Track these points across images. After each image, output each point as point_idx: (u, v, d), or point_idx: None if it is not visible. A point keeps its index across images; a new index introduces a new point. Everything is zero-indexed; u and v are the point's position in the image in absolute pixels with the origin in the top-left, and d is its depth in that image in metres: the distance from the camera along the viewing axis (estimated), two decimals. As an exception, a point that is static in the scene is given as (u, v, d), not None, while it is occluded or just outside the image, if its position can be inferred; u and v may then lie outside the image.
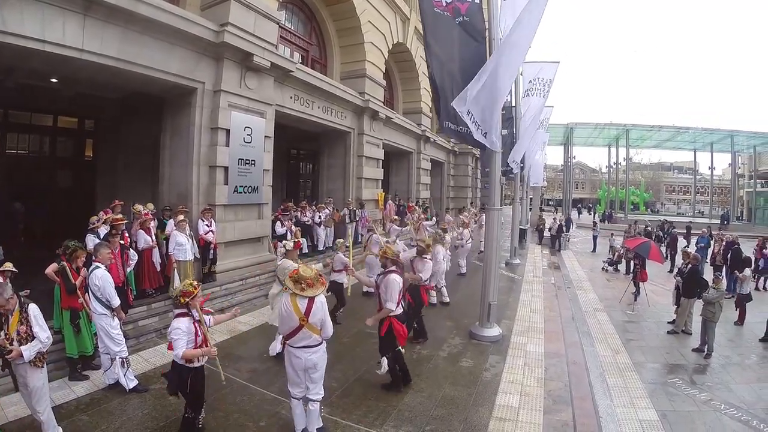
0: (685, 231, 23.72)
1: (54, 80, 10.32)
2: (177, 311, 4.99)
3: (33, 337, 4.64)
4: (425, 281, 8.58)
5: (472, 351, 8.20)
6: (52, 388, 6.04)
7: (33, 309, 4.75)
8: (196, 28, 9.80)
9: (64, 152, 14.86)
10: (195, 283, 5.16)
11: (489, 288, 9.19)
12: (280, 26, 12.77)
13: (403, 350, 6.58)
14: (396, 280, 6.45)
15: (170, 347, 4.86)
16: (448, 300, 11.58)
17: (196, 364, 5.02)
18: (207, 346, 4.98)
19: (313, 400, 5.07)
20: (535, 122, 18.05)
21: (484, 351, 8.22)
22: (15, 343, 4.51)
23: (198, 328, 4.95)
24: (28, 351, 4.56)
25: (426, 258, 8.77)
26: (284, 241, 8.16)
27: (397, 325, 6.38)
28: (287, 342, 5.01)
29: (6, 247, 8.28)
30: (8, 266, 5.90)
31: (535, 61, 18.06)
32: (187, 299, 4.92)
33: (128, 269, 8.01)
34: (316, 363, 4.97)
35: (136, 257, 8.44)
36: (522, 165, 18.99)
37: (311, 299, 4.82)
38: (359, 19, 17.30)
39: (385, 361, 6.41)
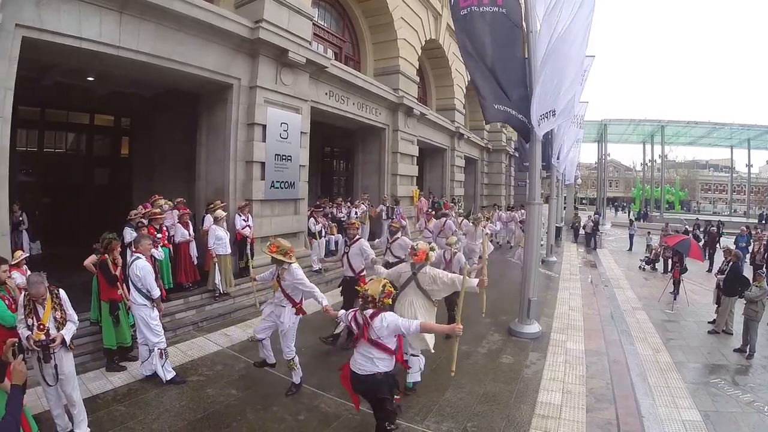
0: (715, 229, 22.60)
1: (90, 78, 10.30)
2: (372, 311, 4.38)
3: (66, 321, 4.55)
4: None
5: (511, 347, 7.93)
6: (89, 378, 6.06)
7: (62, 293, 4.66)
8: (231, 24, 9.68)
9: (101, 150, 15.05)
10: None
11: (529, 284, 8.92)
12: (313, 23, 12.55)
13: None
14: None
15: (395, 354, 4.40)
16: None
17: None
18: None
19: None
20: (567, 117, 17.35)
21: (524, 348, 7.95)
22: (53, 330, 4.39)
23: None
24: (68, 335, 4.51)
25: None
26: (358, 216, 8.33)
27: None
28: None
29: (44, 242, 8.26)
30: (18, 255, 5.99)
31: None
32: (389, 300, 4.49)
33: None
34: None
35: (162, 255, 8.30)
36: (558, 161, 18.41)
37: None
38: (392, 16, 16.96)
39: None
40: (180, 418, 5.21)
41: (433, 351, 5.81)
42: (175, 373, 6.13)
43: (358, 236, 7.96)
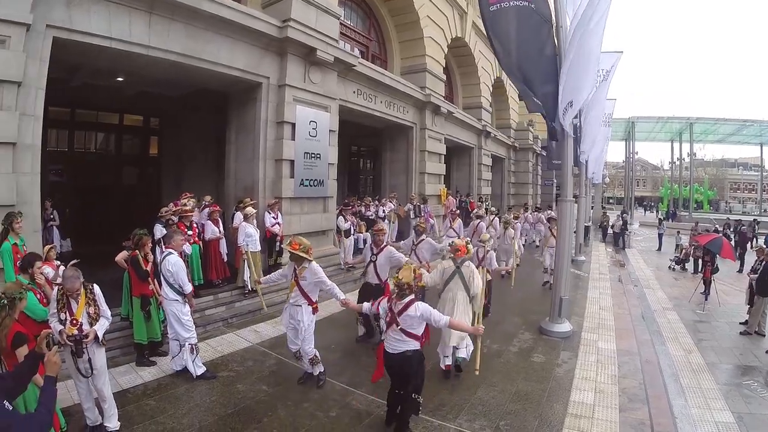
0: (746, 228, 21.80)
1: (120, 79, 10.36)
2: (408, 299, 4.60)
3: (99, 317, 4.49)
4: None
5: (543, 346, 7.72)
6: (120, 372, 6.01)
7: (96, 288, 4.58)
8: (259, 23, 9.66)
9: (130, 149, 15.17)
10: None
11: (561, 282, 8.67)
12: (339, 22, 12.45)
13: None
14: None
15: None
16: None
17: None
18: None
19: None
20: (598, 114, 16.89)
21: (555, 347, 7.73)
22: (86, 325, 4.33)
23: None
24: (101, 330, 4.46)
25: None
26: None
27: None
28: None
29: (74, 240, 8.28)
30: (46, 249, 5.97)
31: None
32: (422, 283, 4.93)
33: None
34: None
35: (191, 250, 8.22)
36: (586, 159, 17.94)
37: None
38: (417, 14, 16.77)
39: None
40: (210, 413, 5.12)
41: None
42: (205, 369, 6.05)
43: (385, 243, 7.63)
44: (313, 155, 11.30)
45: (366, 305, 5.31)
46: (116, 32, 7.44)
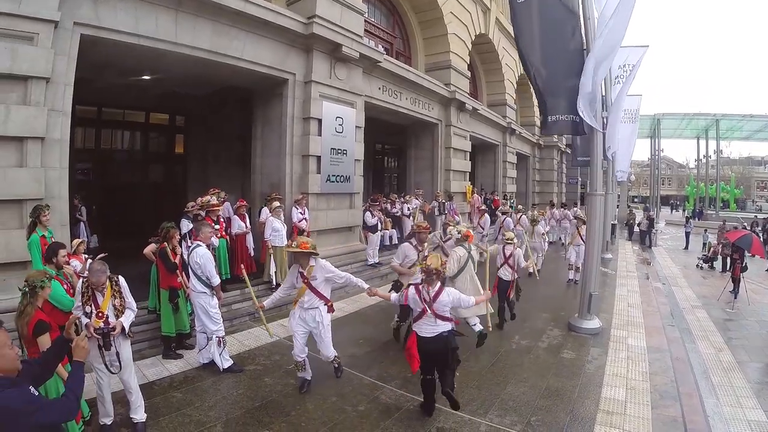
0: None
1: (146, 77, 10.35)
2: (438, 285, 4.80)
3: (125, 309, 4.34)
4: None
5: (572, 343, 7.50)
6: (146, 365, 5.93)
7: (122, 280, 4.43)
8: (284, 19, 9.58)
9: (156, 147, 15.18)
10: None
11: (591, 277, 8.35)
12: (364, 20, 12.29)
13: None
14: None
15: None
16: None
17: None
18: None
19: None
20: (620, 109, 16.31)
21: (585, 343, 7.51)
22: (112, 318, 4.19)
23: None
24: (127, 322, 4.32)
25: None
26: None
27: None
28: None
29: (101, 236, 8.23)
30: (76, 243, 5.94)
31: (624, 46, 16.35)
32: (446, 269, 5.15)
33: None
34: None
35: (217, 243, 8.10)
36: (613, 154, 17.38)
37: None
38: (441, 11, 16.50)
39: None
40: (237, 406, 4.99)
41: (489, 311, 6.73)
42: (232, 362, 5.91)
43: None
44: (339, 151, 11.15)
45: (394, 296, 5.34)
46: (143, 29, 7.43)
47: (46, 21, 6.11)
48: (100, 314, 4.11)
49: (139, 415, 4.44)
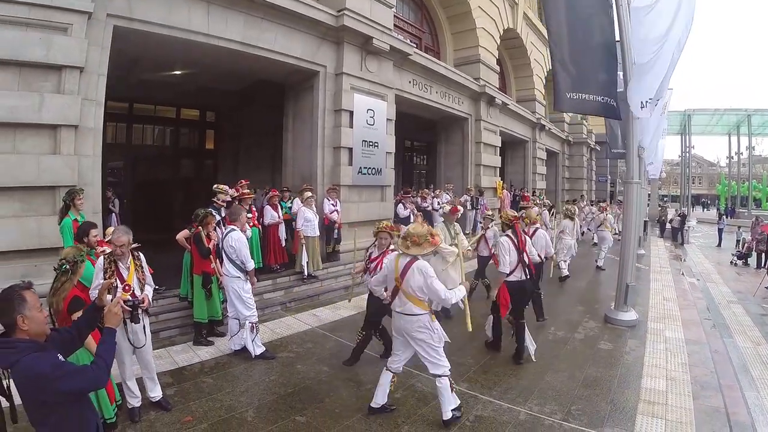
0: None
1: (177, 72, 10.31)
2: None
3: (145, 284, 4.21)
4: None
5: (608, 334, 7.20)
6: (176, 351, 5.78)
7: (142, 256, 4.34)
8: (315, 12, 9.38)
9: (187, 143, 15.16)
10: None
11: (627, 268, 7.95)
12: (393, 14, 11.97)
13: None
14: (506, 243, 5.95)
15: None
16: (566, 274, 11.00)
17: None
18: None
19: (435, 375, 4.19)
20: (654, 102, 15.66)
21: (622, 335, 7.21)
22: (137, 291, 4.06)
23: None
24: (150, 296, 4.22)
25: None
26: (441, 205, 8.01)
27: (503, 292, 5.85)
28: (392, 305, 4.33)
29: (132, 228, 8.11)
30: (110, 231, 5.55)
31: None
32: None
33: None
34: (412, 335, 4.14)
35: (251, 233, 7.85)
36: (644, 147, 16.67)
37: (410, 261, 4.12)
38: (469, 5, 16.08)
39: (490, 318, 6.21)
40: (269, 392, 4.74)
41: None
42: (264, 348, 5.67)
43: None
44: (370, 143, 10.86)
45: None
46: (175, 21, 7.36)
47: (80, 12, 6.09)
48: (127, 287, 3.99)
49: (157, 392, 4.31)
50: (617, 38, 7.81)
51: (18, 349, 2.08)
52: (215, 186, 7.73)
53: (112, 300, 3.66)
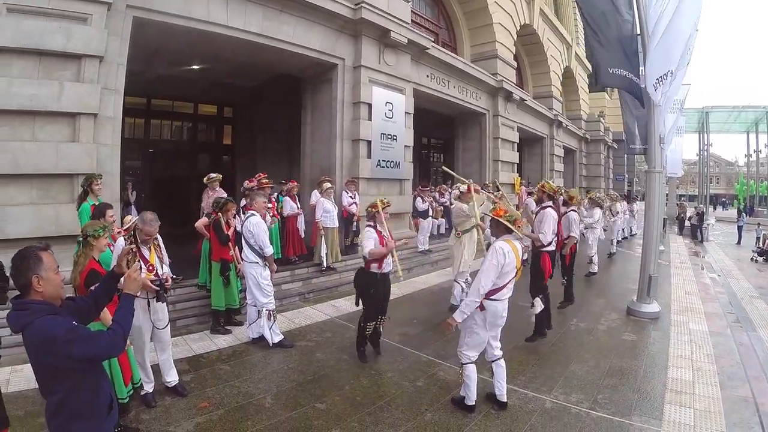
0: None
1: (195, 67, 10.20)
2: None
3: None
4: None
5: (632, 326, 7.01)
6: (193, 339, 5.66)
7: (160, 237, 4.31)
8: (333, 4, 9.22)
9: (205, 138, 15.11)
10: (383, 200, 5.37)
11: (650, 259, 7.71)
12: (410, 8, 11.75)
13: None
14: (551, 215, 6.01)
15: None
16: (595, 270, 10.70)
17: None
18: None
19: (499, 357, 4.14)
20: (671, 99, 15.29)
21: (645, 327, 7.01)
22: (159, 270, 3.98)
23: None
24: (170, 274, 4.22)
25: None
26: (458, 184, 7.67)
27: (547, 260, 5.89)
28: (493, 296, 3.92)
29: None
30: (128, 220, 5.41)
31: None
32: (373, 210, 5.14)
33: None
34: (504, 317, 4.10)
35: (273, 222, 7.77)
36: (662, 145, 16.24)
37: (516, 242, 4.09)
38: (486, 0, 15.75)
39: (538, 301, 5.84)
40: (288, 380, 4.56)
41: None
42: (282, 336, 5.48)
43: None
44: (389, 136, 10.63)
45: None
46: (195, 13, 7.29)
47: (100, 2, 6.08)
48: (150, 267, 3.91)
49: (173, 376, 4.19)
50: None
51: (31, 311, 1.96)
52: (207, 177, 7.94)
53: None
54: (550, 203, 6.31)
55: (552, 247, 6.07)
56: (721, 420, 4.14)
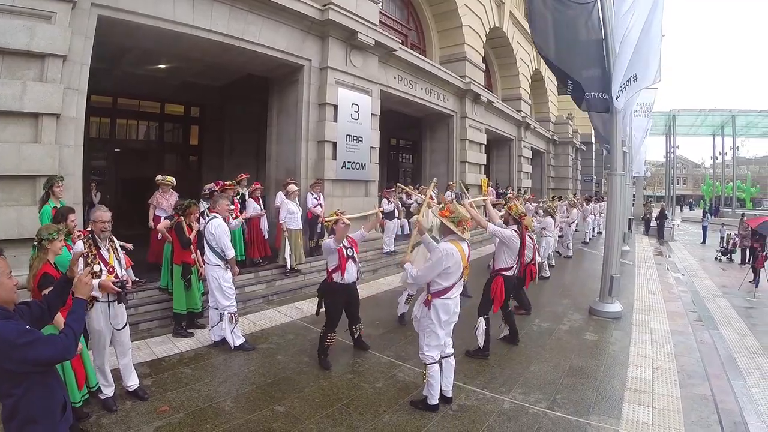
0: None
1: (162, 66, 10.13)
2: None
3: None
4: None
5: (594, 326, 7.23)
6: (155, 342, 5.72)
7: (113, 237, 4.29)
8: (300, 5, 9.35)
9: (171, 138, 15.03)
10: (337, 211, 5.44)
11: (612, 260, 8.00)
12: (379, 12, 11.95)
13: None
14: (512, 238, 5.78)
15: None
16: (548, 275, 10.81)
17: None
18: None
19: (451, 354, 4.39)
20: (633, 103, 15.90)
21: (607, 326, 7.24)
22: (119, 272, 4.08)
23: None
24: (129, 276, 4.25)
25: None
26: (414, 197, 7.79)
27: (500, 285, 5.72)
28: (444, 296, 4.14)
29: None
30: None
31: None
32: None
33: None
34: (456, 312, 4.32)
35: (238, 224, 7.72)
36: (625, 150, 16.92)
37: (466, 244, 4.24)
38: (455, 2, 16.08)
39: (481, 320, 5.61)
40: (248, 383, 4.69)
41: None
42: (244, 339, 5.62)
43: None
44: (355, 138, 10.83)
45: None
46: (160, 12, 7.32)
47: (64, 1, 6.07)
48: (111, 269, 3.98)
49: (134, 380, 4.24)
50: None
51: None
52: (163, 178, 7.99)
53: (100, 283, 3.67)
54: (515, 227, 6.06)
55: (510, 273, 5.83)
56: (680, 418, 4.32)
